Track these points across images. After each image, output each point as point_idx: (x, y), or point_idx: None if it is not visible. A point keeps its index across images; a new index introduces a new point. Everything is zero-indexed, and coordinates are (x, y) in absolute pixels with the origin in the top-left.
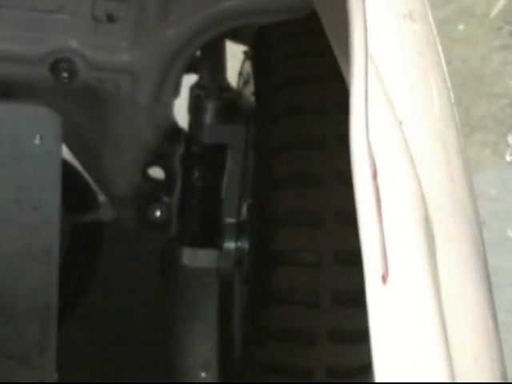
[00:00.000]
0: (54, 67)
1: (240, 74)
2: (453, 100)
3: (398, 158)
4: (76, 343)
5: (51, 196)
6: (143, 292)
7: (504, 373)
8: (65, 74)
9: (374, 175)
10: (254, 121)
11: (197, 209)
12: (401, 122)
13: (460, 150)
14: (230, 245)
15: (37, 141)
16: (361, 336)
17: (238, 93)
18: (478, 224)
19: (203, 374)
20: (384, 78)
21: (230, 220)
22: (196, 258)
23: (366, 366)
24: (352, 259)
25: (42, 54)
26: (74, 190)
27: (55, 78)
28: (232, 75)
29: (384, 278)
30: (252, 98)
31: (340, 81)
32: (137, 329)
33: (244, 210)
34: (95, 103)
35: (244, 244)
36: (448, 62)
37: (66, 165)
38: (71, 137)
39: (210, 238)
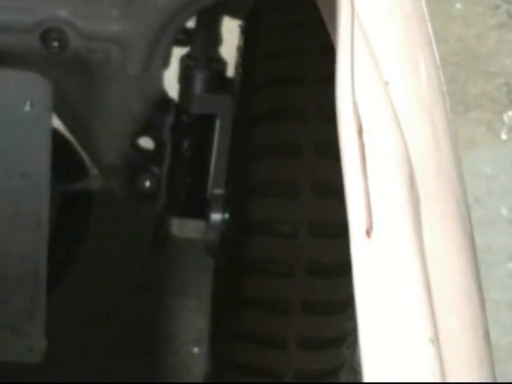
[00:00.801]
0: (44, 37)
1: (238, 49)
2: (442, 77)
3: (383, 117)
4: (65, 318)
5: (41, 163)
6: (134, 266)
7: (486, 330)
8: (55, 44)
9: (360, 132)
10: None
11: (186, 179)
12: (387, 83)
13: (447, 123)
14: (216, 216)
15: (27, 107)
16: (335, 307)
17: (226, 64)
18: (463, 188)
19: (195, 350)
20: (370, 40)
21: (218, 191)
22: (184, 228)
23: (340, 336)
24: (327, 230)
25: (32, 23)
26: (63, 158)
27: (45, 47)
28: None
29: (368, 233)
30: None
31: (323, 52)
32: (127, 304)
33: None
34: (85, 73)
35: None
36: (444, 41)
37: (55, 133)
38: (61, 106)
39: (197, 208)
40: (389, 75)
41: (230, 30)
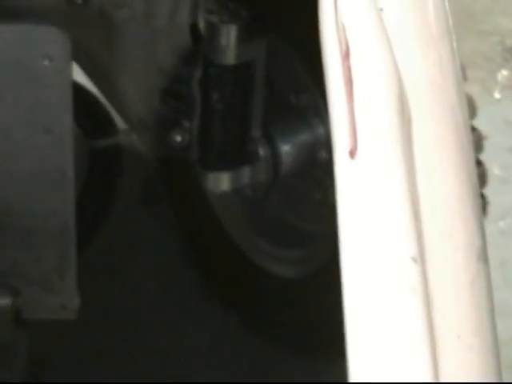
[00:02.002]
0: None
1: None
2: (448, 8)
3: (373, 40)
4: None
5: (63, 118)
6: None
7: (483, 250)
8: (79, 0)
9: (346, 55)
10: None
11: (218, 132)
12: (381, 9)
13: (449, 42)
14: (264, 155)
15: (46, 62)
16: None
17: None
18: (464, 112)
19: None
20: None
21: (257, 132)
22: (220, 181)
23: None
24: None
25: None
26: (91, 115)
27: (69, 3)
28: None
29: (352, 153)
30: None
31: None
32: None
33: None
34: (110, 28)
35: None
36: None
37: (83, 91)
38: (87, 62)
39: (234, 160)
40: (384, 2)
41: None
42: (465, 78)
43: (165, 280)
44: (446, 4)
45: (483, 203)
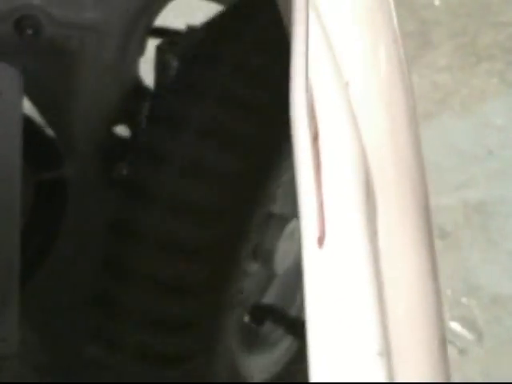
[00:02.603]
0: (18, 24)
1: None
2: (407, 72)
3: (341, 120)
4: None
5: (11, 153)
6: None
7: (442, 340)
8: (29, 31)
9: (315, 138)
10: None
11: None
12: (347, 84)
13: (406, 109)
14: None
15: None
16: None
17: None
18: (423, 187)
19: None
20: (331, 37)
21: None
22: None
23: None
24: None
25: (6, 10)
26: (37, 147)
27: (19, 34)
28: None
29: (320, 241)
30: None
31: None
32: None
33: None
34: (60, 60)
35: None
36: None
37: (29, 122)
38: (35, 94)
39: None
40: (349, 75)
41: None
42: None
43: None
44: (403, 57)
45: None
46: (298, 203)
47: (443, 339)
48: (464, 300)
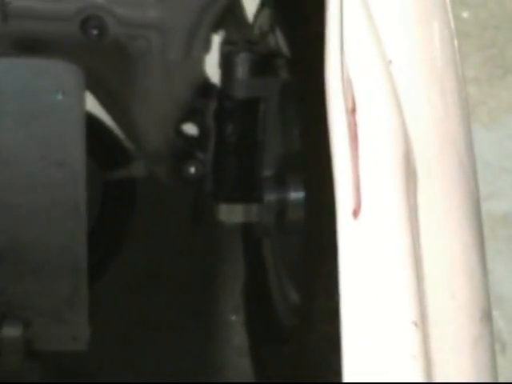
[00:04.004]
0: (84, 24)
1: (255, 21)
2: (456, 45)
3: (380, 96)
4: (109, 292)
5: (76, 151)
6: (174, 241)
7: (487, 310)
8: (94, 31)
9: (353, 111)
10: (292, 72)
11: (231, 164)
12: (390, 61)
13: (458, 93)
14: (270, 197)
15: (59, 96)
16: None
17: (268, 45)
18: (472, 164)
19: (233, 318)
20: (375, 15)
21: (269, 172)
22: (233, 213)
23: None
24: None
25: (72, 11)
26: (105, 146)
27: (85, 35)
28: None
29: (355, 213)
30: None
31: None
32: (167, 274)
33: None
34: (125, 60)
35: (284, 195)
36: (483, 5)
37: (97, 122)
38: (103, 94)
39: (246, 193)
40: (393, 53)
41: None
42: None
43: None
44: (457, 55)
45: None
46: (333, 175)
47: (487, 313)
48: None
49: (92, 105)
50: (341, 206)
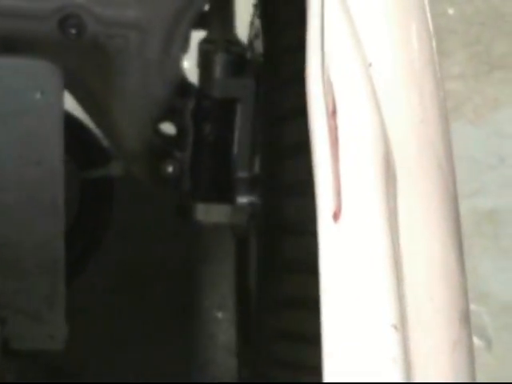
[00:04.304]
0: (62, 23)
1: (252, 24)
2: (435, 46)
3: (360, 98)
4: (94, 292)
5: (54, 150)
6: (159, 239)
7: (465, 312)
8: (73, 30)
9: (333, 113)
10: (262, 82)
11: (209, 164)
12: (370, 65)
13: (437, 95)
14: (242, 200)
15: (38, 95)
16: None
17: (247, 47)
18: (450, 166)
19: (219, 315)
20: (355, 18)
21: (242, 174)
22: (209, 213)
23: None
24: None
25: (50, 10)
26: (83, 145)
27: (63, 34)
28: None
29: (336, 216)
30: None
31: None
32: (153, 272)
33: (256, 164)
34: (104, 59)
35: (257, 199)
36: (469, 1)
37: (75, 121)
38: (81, 93)
39: (222, 193)
40: (373, 56)
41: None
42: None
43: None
44: (435, 57)
45: None
46: (313, 178)
47: (466, 315)
48: (474, 307)
49: (70, 104)
50: (321, 209)
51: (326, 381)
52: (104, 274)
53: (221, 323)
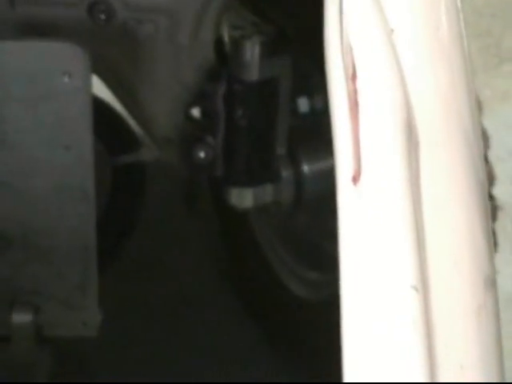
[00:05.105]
0: (91, 9)
1: None
2: (462, 22)
3: (381, 62)
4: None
5: (83, 134)
6: (167, 227)
7: (491, 277)
8: (102, 16)
9: (353, 78)
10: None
11: (242, 148)
12: (392, 31)
13: (464, 65)
14: (287, 174)
15: (66, 79)
16: None
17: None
18: (477, 135)
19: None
20: None
21: (281, 151)
22: (244, 197)
23: None
24: None
25: None
26: (113, 130)
27: (92, 19)
28: None
29: (355, 179)
30: None
31: None
32: (161, 263)
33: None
34: (134, 44)
35: (300, 170)
36: None
37: (106, 107)
38: (111, 79)
39: (258, 175)
40: (396, 23)
41: None
42: (479, 106)
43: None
44: (462, 23)
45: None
46: (333, 141)
47: (491, 280)
48: None
49: (102, 90)
50: (340, 172)
51: (345, 340)
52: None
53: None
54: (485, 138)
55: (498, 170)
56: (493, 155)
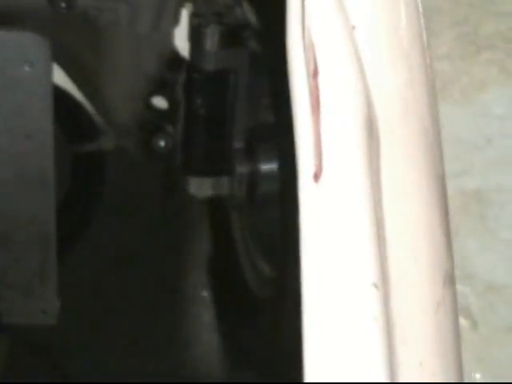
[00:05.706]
0: None
1: None
2: (423, 23)
3: (342, 59)
4: (76, 268)
5: (43, 123)
6: (144, 215)
7: (449, 274)
8: (63, 4)
9: (315, 74)
10: (261, 43)
11: (201, 137)
12: (353, 27)
13: (423, 60)
14: (242, 169)
15: (26, 68)
16: None
17: (236, 17)
18: (435, 131)
19: (204, 293)
20: None
21: (239, 145)
22: (203, 186)
23: None
24: None
25: None
26: (74, 119)
27: (53, 7)
28: None
29: (317, 176)
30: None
31: None
32: (138, 251)
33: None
34: (94, 32)
35: (256, 167)
36: None
37: (66, 96)
38: (72, 68)
39: (216, 165)
40: (357, 20)
41: None
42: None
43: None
44: (422, 21)
45: None
46: (294, 139)
47: (450, 276)
48: (459, 287)
49: (62, 79)
50: (302, 170)
51: (305, 336)
52: (89, 251)
53: (206, 302)
54: None
55: (476, 158)
56: (471, 144)
